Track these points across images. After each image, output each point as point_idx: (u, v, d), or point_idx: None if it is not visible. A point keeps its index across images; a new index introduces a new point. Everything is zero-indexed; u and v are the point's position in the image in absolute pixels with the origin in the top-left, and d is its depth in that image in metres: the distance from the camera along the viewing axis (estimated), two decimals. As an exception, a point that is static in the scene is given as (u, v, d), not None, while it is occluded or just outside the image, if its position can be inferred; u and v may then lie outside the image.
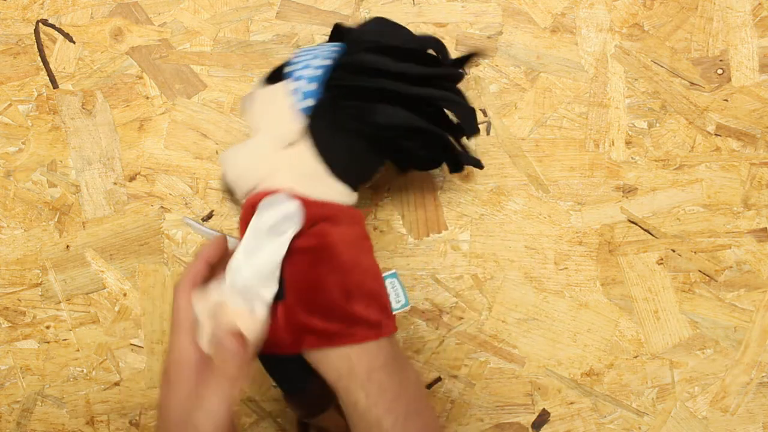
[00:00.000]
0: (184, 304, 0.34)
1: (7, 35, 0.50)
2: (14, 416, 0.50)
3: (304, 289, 0.36)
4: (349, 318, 0.35)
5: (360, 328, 0.35)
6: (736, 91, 0.50)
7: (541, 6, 0.50)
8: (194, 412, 0.33)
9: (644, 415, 0.49)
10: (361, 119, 0.37)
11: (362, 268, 0.37)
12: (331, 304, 0.35)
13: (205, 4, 0.50)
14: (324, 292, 0.35)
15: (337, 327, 0.35)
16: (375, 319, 0.36)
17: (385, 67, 0.37)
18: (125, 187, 0.49)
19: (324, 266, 0.36)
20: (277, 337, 0.36)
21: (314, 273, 0.36)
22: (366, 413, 0.34)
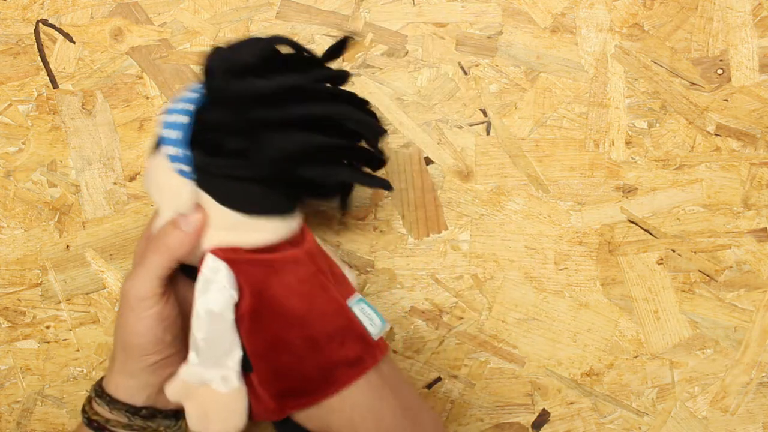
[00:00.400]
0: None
1: (7, 35, 0.50)
2: (14, 416, 0.50)
3: (266, 353, 0.34)
4: (324, 366, 0.33)
5: (341, 371, 0.33)
6: (736, 91, 0.50)
7: (541, 6, 0.50)
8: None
9: (644, 415, 0.49)
10: (247, 166, 0.32)
11: (319, 308, 0.34)
12: (300, 360, 0.33)
13: (205, 4, 0.50)
14: (288, 350, 0.33)
15: (316, 380, 0.33)
16: (354, 355, 0.34)
17: (252, 92, 0.31)
18: (125, 187, 0.49)
19: (276, 323, 0.33)
20: (261, 408, 0.34)
21: (269, 334, 0.33)
22: None
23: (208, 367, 0.33)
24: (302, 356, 0.33)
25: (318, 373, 0.33)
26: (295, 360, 0.33)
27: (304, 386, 0.33)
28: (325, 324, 0.34)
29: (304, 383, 0.33)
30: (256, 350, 0.34)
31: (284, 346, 0.33)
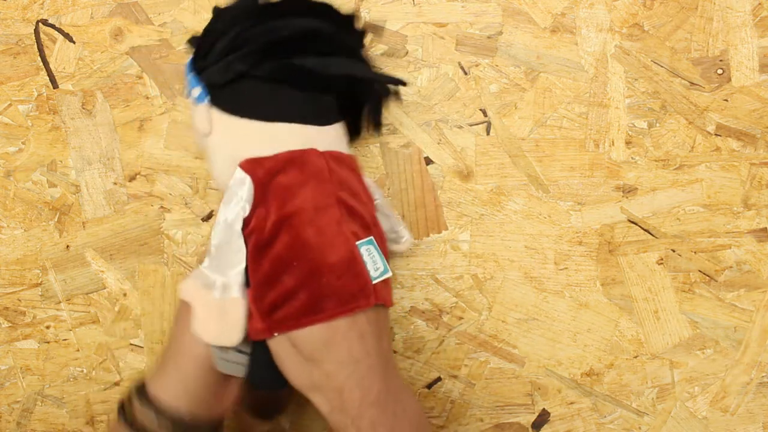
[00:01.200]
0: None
1: (7, 35, 0.50)
2: (14, 416, 0.50)
3: (266, 270, 0.34)
4: (316, 294, 0.34)
5: (330, 303, 0.34)
6: (736, 91, 0.50)
7: (541, 6, 0.50)
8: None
9: (644, 415, 0.49)
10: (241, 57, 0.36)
11: (327, 238, 0.35)
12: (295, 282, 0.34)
13: (205, 4, 0.50)
14: (286, 271, 0.34)
15: (305, 306, 0.34)
16: (348, 292, 0.34)
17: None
18: (125, 187, 0.49)
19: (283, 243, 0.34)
20: (253, 326, 0.35)
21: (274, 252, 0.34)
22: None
23: (213, 273, 0.35)
24: (298, 280, 0.34)
25: (308, 299, 0.34)
26: (291, 281, 0.34)
27: (293, 309, 0.34)
28: (328, 254, 0.34)
29: (294, 306, 0.34)
30: (257, 265, 0.35)
31: (284, 267, 0.34)
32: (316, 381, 0.34)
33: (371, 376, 0.34)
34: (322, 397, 0.34)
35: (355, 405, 0.33)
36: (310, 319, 0.33)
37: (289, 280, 0.34)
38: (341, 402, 0.33)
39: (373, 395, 0.33)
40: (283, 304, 0.34)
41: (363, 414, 0.33)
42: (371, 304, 0.34)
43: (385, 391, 0.34)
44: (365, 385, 0.33)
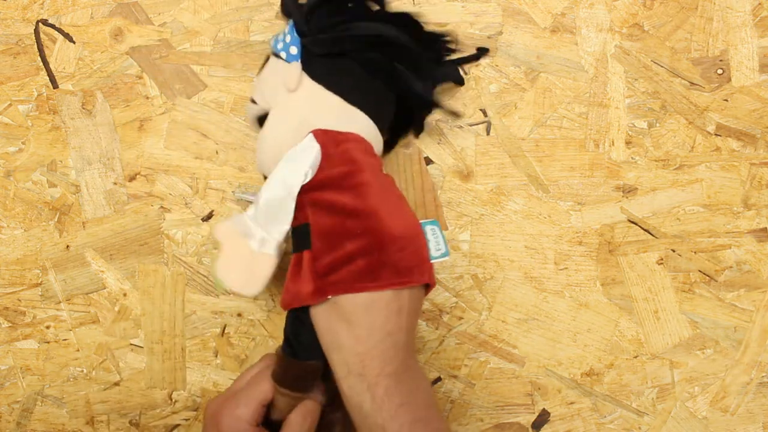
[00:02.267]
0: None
1: (7, 35, 0.50)
2: (14, 416, 0.50)
3: (328, 234, 0.35)
4: (374, 262, 0.34)
5: (387, 272, 0.34)
6: (736, 91, 0.50)
7: (541, 6, 0.50)
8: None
9: (644, 415, 0.49)
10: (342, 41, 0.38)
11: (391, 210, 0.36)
12: (357, 248, 0.34)
13: (205, 4, 0.50)
14: (349, 237, 0.35)
15: (362, 272, 0.34)
16: (405, 265, 0.35)
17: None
18: (125, 187, 0.49)
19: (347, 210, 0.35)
20: (300, 289, 0.35)
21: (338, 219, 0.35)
22: (370, 417, 0.34)
23: (256, 224, 0.36)
24: (360, 246, 0.34)
25: (367, 266, 0.34)
26: (352, 246, 0.34)
27: (349, 274, 0.34)
28: (393, 225, 0.35)
29: (350, 271, 0.34)
30: (321, 228, 0.35)
31: (347, 232, 0.35)
32: (342, 341, 0.34)
33: (395, 350, 0.34)
34: (342, 359, 0.35)
35: (375, 373, 0.34)
36: (364, 286, 0.34)
37: (351, 245, 0.34)
38: (362, 367, 0.34)
39: (392, 368, 0.34)
40: (340, 268, 0.34)
41: (380, 382, 0.34)
42: (424, 281, 0.36)
43: (404, 367, 0.35)
44: (388, 357, 0.34)
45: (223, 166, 0.49)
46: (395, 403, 0.34)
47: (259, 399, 0.37)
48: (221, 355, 0.49)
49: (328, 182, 0.36)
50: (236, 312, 0.49)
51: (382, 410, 0.33)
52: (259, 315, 0.49)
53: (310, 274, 0.35)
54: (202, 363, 0.49)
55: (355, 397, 0.34)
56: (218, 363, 0.49)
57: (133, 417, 0.49)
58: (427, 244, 0.36)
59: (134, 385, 0.49)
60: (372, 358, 0.34)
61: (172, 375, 0.49)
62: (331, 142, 0.36)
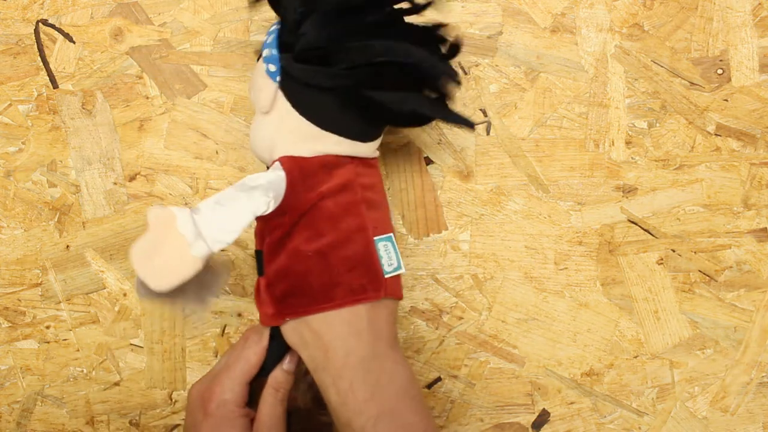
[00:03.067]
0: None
1: (7, 35, 0.50)
2: (14, 416, 0.50)
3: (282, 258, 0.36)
4: (327, 282, 0.35)
5: (340, 290, 0.35)
6: (736, 91, 0.50)
7: (541, 6, 0.50)
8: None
9: (644, 415, 0.49)
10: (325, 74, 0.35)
11: (343, 231, 0.36)
12: (308, 270, 0.35)
13: (205, 4, 0.50)
14: (301, 260, 0.35)
15: (317, 292, 0.35)
16: (358, 282, 0.35)
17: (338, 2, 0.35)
18: (125, 187, 0.49)
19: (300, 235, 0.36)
20: (263, 312, 0.37)
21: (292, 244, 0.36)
22: (336, 411, 0.34)
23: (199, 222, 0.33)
24: (311, 268, 0.35)
25: (320, 287, 0.35)
26: (305, 269, 0.35)
27: (305, 296, 0.35)
28: (343, 246, 0.36)
29: (305, 293, 0.35)
30: (274, 256, 0.36)
31: (300, 255, 0.35)
32: (306, 337, 0.35)
33: (358, 341, 0.34)
34: (308, 355, 0.36)
35: (338, 365, 0.34)
36: (320, 307, 0.35)
37: (302, 270, 0.35)
38: (325, 360, 0.34)
39: (357, 358, 0.34)
40: (295, 292, 0.35)
41: (344, 375, 0.34)
42: (379, 297, 0.36)
43: (371, 357, 0.34)
44: (350, 347, 0.34)
45: (223, 166, 0.49)
46: (359, 398, 0.33)
47: (243, 379, 0.37)
48: (221, 355, 0.49)
49: (286, 210, 0.36)
50: (236, 312, 0.49)
51: (347, 405, 0.33)
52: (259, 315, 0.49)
53: (269, 298, 0.36)
54: (202, 363, 0.49)
55: (324, 393, 0.35)
56: (218, 363, 0.49)
57: (133, 417, 0.49)
58: (380, 261, 0.37)
59: (134, 385, 0.49)
60: (334, 350, 0.34)
61: (172, 375, 0.49)
62: (297, 170, 0.36)
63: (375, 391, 0.33)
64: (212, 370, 0.38)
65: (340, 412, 0.34)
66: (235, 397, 0.36)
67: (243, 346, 0.38)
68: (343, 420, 0.33)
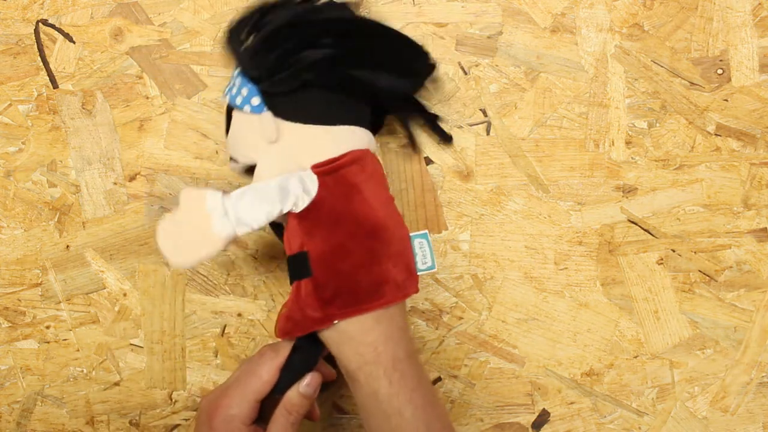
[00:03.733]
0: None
1: (7, 35, 0.50)
2: (14, 416, 0.50)
3: (329, 258, 0.35)
4: (377, 280, 0.35)
5: (389, 288, 0.36)
6: (736, 91, 0.50)
7: (541, 6, 0.50)
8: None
9: (644, 415, 0.49)
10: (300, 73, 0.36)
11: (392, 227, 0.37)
12: (358, 268, 0.35)
13: (205, 4, 0.50)
14: (350, 257, 0.35)
15: (366, 291, 0.35)
16: (401, 278, 0.36)
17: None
18: (125, 187, 0.49)
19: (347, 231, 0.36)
20: (306, 316, 0.36)
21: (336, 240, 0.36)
22: (387, 402, 0.34)
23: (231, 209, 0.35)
24: (361, 265, 0.35)
25: (370, 284, 0.35)
26: (354, 268, 0.35)
27: (353, 295, 0.35)
28: (393, 243, 0.37)
29: (354, 292, 0.35)
30: (320, 254, 0.36)
31: (347, 253, 0.36)
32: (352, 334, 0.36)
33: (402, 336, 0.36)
34: (354, 350, 0.35)
35: (389, 357, 0.35)
36: (370, 306, 0.35)
37: (350, 267, 0.35)
38: (375, 355, 0.35)
39: (403, 352, 0.36)
40: (342, 292, 0.35)
41: (396, 367, 0.35)
42: (415, 292, 0.37)
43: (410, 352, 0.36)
44: (398, 341, 0.36)
45: (223, 166, 0.49)
46: (409, 387, 0.35)
47: (253, 396, 0.36)
48: (221, 355, 0.49)
49: (325, 209, 0.36)
50: (236, 312, 0.49)
51: (399, 395, 0.34)
52: (259, 315, 0.49)
53: (316, 301, 0.35)
54: (202, 363, 0.49)
55: (372, 384, 0.35)
56: (218, 363, 0.49)
57: (133, 417, 0.49)
58: (414, 258, 0.38)
59: (134, 385, 0.49)
60: (384, 344, 0.35)
61: (172, 375, 0.49)
62: (329, 172, 0.36)
63: (420, 382, 0.35)
64: (225, 382, 0.38)
65: (392, 402, 0.34)
66: (242, 414, 0.36)
67: (258, 361, 0.37)
68: (392, 410, 0.34)
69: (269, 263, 0.49)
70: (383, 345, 0.35)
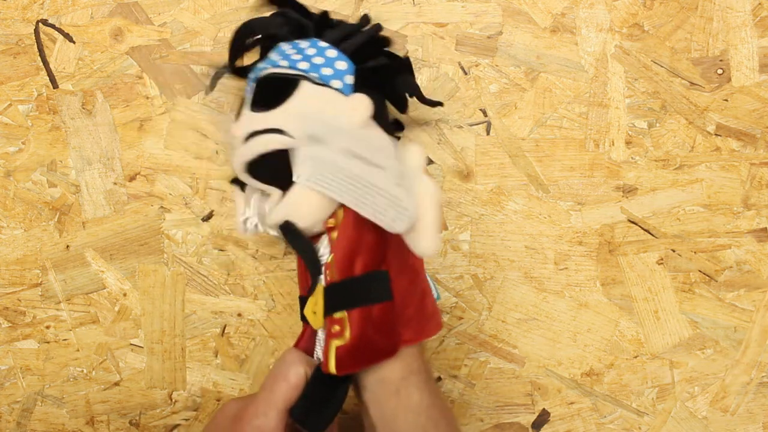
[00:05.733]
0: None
1: (7, 35, 0.50)
2: (14, 416, 0.50)
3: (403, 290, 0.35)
4: (428, 314, 0.36)
5: (432, 323, 0.37)
6: (736, 91, 0.50)
7: (541, 6, 0.50)
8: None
9: (644, 415, 0.49)
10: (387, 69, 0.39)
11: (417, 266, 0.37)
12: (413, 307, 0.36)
13: (205, 4, 0.50)
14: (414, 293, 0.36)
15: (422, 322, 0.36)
16: (434, 311, 0.37)
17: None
18: (125, 187, 0.49)
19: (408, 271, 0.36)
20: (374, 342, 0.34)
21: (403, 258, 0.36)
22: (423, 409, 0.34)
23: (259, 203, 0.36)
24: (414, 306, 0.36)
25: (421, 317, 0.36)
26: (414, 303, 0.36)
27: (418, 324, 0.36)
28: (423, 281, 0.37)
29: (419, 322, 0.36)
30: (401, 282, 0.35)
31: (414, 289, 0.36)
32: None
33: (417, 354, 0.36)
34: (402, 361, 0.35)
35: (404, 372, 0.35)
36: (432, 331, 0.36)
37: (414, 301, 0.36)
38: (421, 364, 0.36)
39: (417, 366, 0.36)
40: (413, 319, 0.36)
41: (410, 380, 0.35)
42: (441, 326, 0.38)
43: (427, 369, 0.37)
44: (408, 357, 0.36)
45: (223, 166, 0.49)
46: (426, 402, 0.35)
47: (282, 403, 0.33)
48: (221, 355, 0.49)
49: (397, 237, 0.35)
50: (236, 312, 0.49)
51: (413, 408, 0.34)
52: (259, 315, 0.49)
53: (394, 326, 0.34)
54: (202, 363, 0.49)
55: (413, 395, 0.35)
56: (218, 363, 0.49)
57: (133, 417, 0.49)
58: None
59: (134, 385, 0.49)
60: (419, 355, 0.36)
61: (172, 375, 0.49)
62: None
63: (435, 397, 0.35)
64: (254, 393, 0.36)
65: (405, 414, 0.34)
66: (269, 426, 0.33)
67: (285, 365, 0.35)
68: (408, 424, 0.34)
69: (269, 263, 0.49)
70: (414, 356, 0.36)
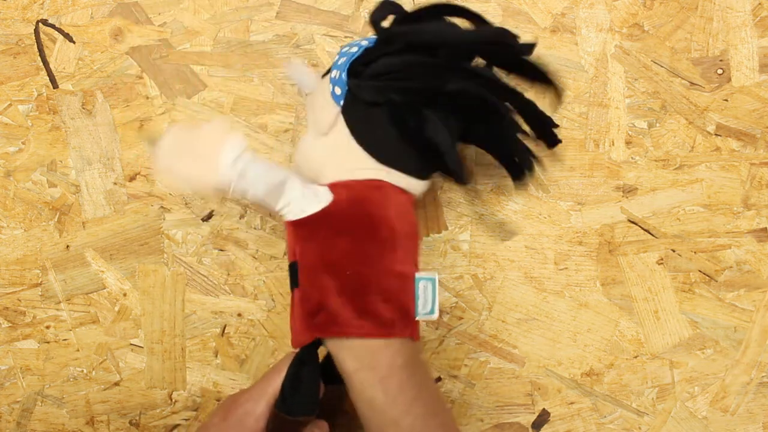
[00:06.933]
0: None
1: (7, 35, 0.50)
2: (14, 416, 0.50)
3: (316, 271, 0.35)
4: (357, 309, 0.34)
5: (367, 322, 0.34)
6: (736, 91, 0.50)
7: (541, 6, 0.50)
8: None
9: (644, 415, 0.49)
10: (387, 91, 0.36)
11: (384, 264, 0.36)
12: (340, 290, 0.35)
13: (205, 4, 0.50)
14: (336, 277, 0.35)
15: (347, 315, 0.34)
16: (388, 317, 0.35)
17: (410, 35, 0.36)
18: (125, 187, 0.49)
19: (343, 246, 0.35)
20: (294, 327, 0.36)
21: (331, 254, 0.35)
22: (383, 411, 0.34)
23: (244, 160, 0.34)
24: (344, 289, 0.35)
25: (353, 311, 0.34)
26: (335, 289, 0.35)
27: (335, 315, 0.34)
28: (385, 275, 0.35)
29: (337, 314, 0.34)
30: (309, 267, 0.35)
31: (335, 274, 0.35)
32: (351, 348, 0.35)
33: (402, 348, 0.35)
34: (351, 354, 0.35)
35: (386, 364, 0.34)
36: (348, 330, 0.34)
37: (336, 287, 0.35)
38: (372, 360, 0.34)
39: (403, 360, 0.34)
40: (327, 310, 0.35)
41: (393, 374, 0.34)
42: (406, 335, 0.36)
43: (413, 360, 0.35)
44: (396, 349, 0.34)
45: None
46: (408, 396, 0.34)
47: (270, 394, 0.36)
48: (221, 355, 0.49)
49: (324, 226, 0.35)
50: (236, 312, 0.49)
51: (396, 404, 0.33)
52: (259, 315, 0.49)
53: (301, 311, 0.36)
54: (202, 363, 0.49)
55: (367, 391, 0.34)
56: (218, 363, 0.49)
57: (133, 417, 0.49)
58: (416, 300, 0.36)
59: (134, 385, 0.49)
60: (381, 349, 0.34)
61: (172, 375, 0.49)
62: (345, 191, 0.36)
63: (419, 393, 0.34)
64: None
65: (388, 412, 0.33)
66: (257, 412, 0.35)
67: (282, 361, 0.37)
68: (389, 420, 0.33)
69: (269, 263, 0.49)
70: (379, 351, 0.34)
